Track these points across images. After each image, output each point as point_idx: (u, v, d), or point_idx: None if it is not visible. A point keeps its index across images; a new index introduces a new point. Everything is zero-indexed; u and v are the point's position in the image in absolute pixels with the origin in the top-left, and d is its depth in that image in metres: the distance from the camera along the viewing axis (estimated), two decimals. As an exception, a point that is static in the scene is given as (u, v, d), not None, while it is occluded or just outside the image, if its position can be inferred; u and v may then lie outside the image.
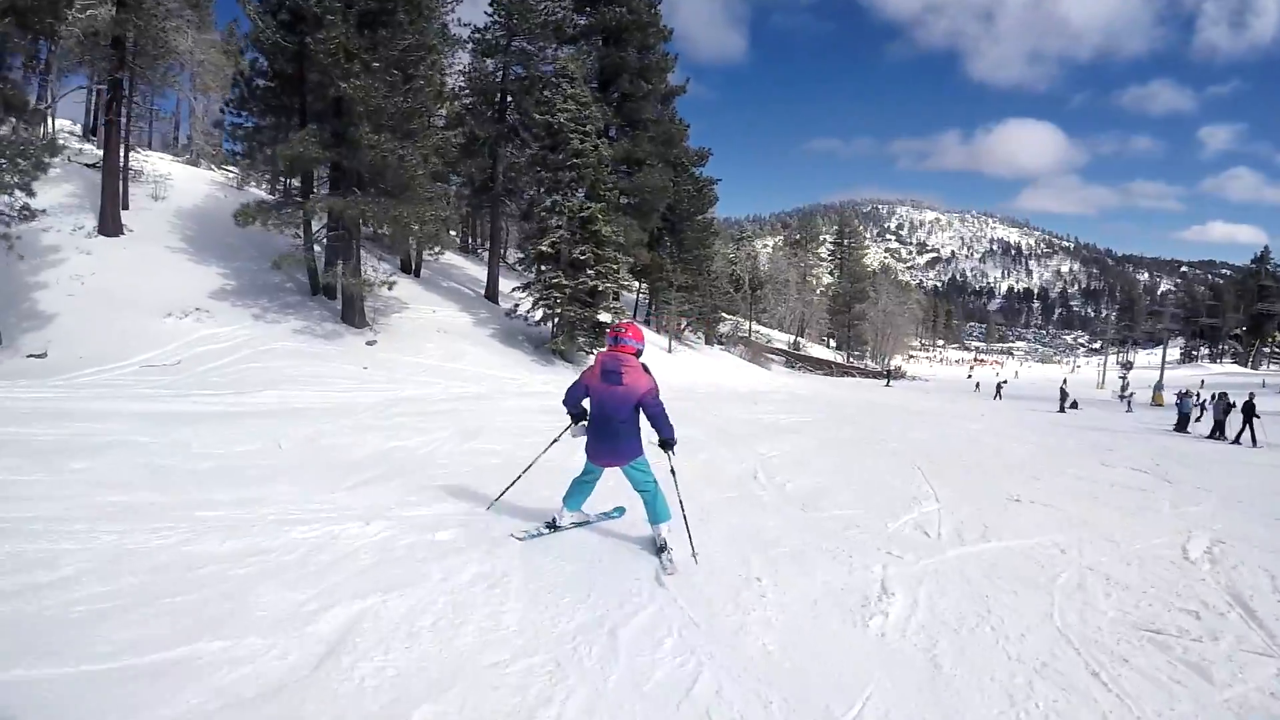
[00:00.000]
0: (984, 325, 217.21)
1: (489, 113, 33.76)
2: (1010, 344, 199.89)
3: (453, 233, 46.76)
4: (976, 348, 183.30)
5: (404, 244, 28.09)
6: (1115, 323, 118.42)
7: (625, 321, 6.90)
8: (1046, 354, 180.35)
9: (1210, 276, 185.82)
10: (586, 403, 6.00)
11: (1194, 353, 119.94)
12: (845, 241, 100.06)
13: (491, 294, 33.55)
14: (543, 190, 28.27)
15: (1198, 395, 27.34)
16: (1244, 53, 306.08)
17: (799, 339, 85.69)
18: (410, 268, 32.48)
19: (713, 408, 19.94)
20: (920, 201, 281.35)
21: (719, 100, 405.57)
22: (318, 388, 17.08)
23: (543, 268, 27.67)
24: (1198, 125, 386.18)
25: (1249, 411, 21.86)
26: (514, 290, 29.91)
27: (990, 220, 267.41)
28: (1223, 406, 23.67)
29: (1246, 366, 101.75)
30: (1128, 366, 70.46)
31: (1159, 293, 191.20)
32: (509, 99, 33.78)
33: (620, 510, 6.88)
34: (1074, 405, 37.94)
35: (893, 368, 77.59)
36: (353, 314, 24.20)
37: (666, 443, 5.80)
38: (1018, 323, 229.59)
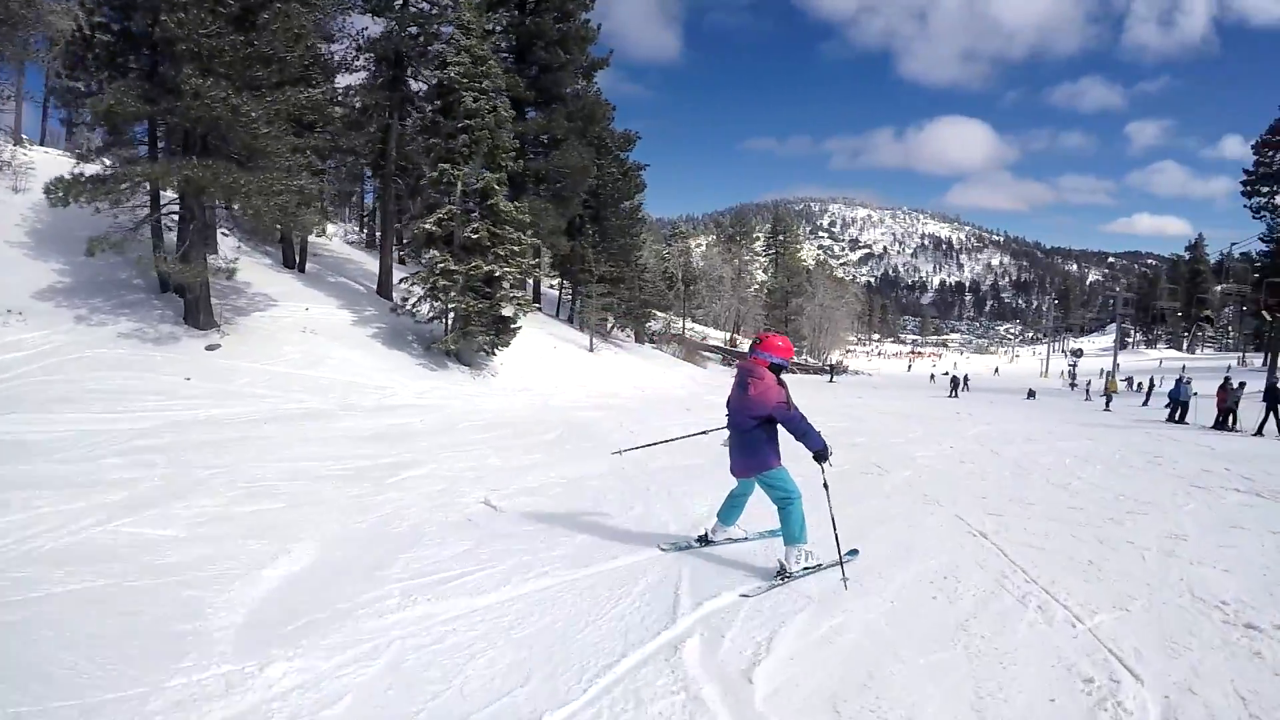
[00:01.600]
0: (918, 319, 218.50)
1: (379, 80, 28.95)
2: (945, 336, 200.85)
3: (340, 223, 42.25)
4: (913, 341, 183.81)
5: (263, 226, 22.76)
6: (1052, 312, 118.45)
7: (772, 332, 6.41)
8: (981, 345, 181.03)
9: (1136, 266, 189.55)
10: None
11: (1127, 339, 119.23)
12: (780, 237, 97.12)
13: (384, 289, 28.60)
14: (432, 161, 23.68)
15: (1183, 380, 24.88)
16: (1173, 50, 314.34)
17: (735, 336, 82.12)
18: (293, 261, 27.68)
19: (634, 419, 16.08)
20: (853, 199, 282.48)
21: (655, 100, 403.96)
22: (112, 405, 13.18)
23: (433, 252, 22.98)
24: (1126, 121, 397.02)
25: (1275, 398, 19.83)
26: (401, 282, 25.37)
27: (921, 216, 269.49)
28: (1234, 393, 21.27)
29: (1182, 350, 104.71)
30: (1077, 354, 69.13)
31: (1087, 283, 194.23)
32: (406, 65, 28.85)
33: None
34: (1031, 394, 39.52)
35: (835, 363, 74.29)
36: (196, 313, 19.38)
37: (817, 455, 5.47)
38: (951, 315, 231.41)
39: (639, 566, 5.69)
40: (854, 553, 6.01)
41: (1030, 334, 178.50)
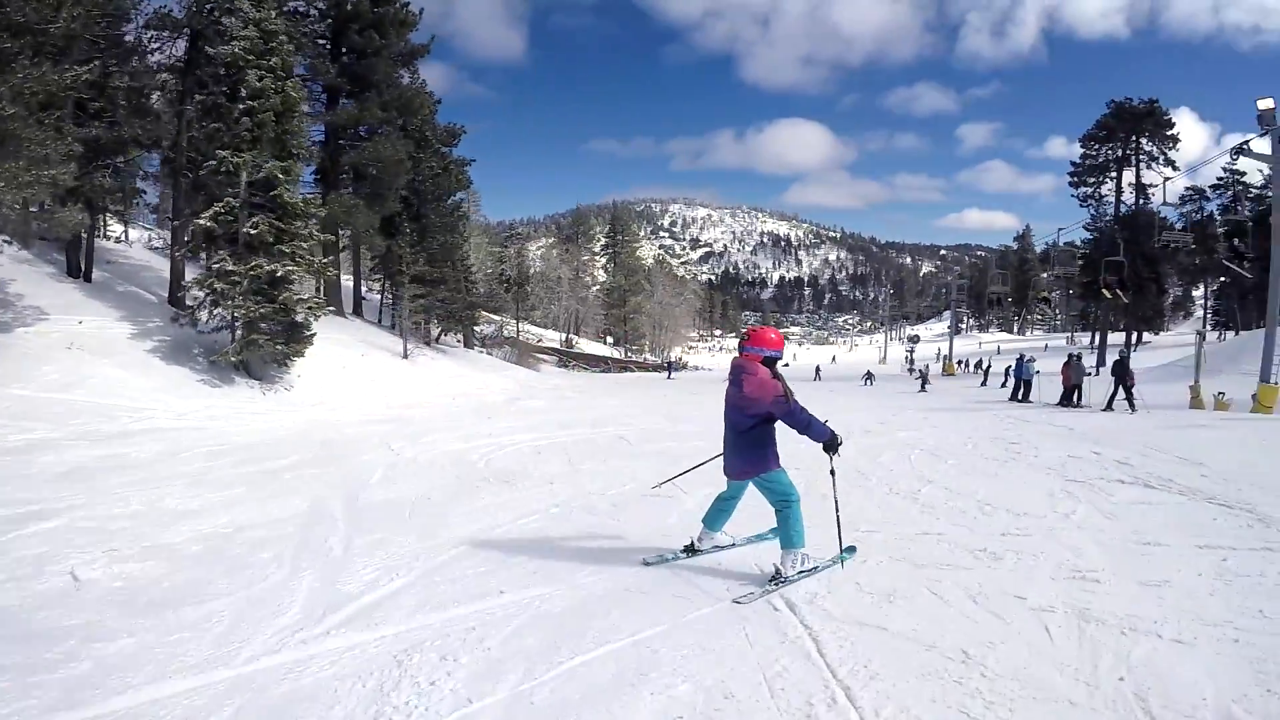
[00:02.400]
0: (759, 314, 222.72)
1: (170, 61, 25.71)
2: (786, 330, 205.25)
3: (146, 227, 38.53)
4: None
5: (9, 225, 19.58)
6: (888, 302, 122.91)
7: (760, 326, 6.12)
8: (821, 336, 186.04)
9: (967, 258, 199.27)
10: None
11: (961, 325, 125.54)
12: (618, 236, 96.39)
13: (176, 297, 25.57)
14: (215, 149, 20.96)
15: (1025, 359, 25.75)
16: (1003, 59, 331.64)
17: (572, 336, 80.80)
18: (78, 269, 24.21)
19: (413, 434, 14.24)
20: (693, 199, 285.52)
21: (498, 100, 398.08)
22: None
23: (219, 251, 20.34)
24: (958, 124, 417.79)
25: (1122, 372, 19.97)
26: (184, 286, 22.61)
27: (761, 214, 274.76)
28: (1079, 370, 22.10)
29: (1014, 333, 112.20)
30: (914, 340, 71.63)
31: (921, 274, 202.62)
32: (201, 43, 25.45)
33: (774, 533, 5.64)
34: (869, 378, 41.65)
35: (673, 360, 73.69)
36: (-69, 329, 16.48)
37: (826, 446, 5.27)
38: (791, 309, 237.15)
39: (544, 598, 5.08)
40: (852, 549, 5.90)
41: (868, 324, 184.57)
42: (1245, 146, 21.24)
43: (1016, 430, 14.57)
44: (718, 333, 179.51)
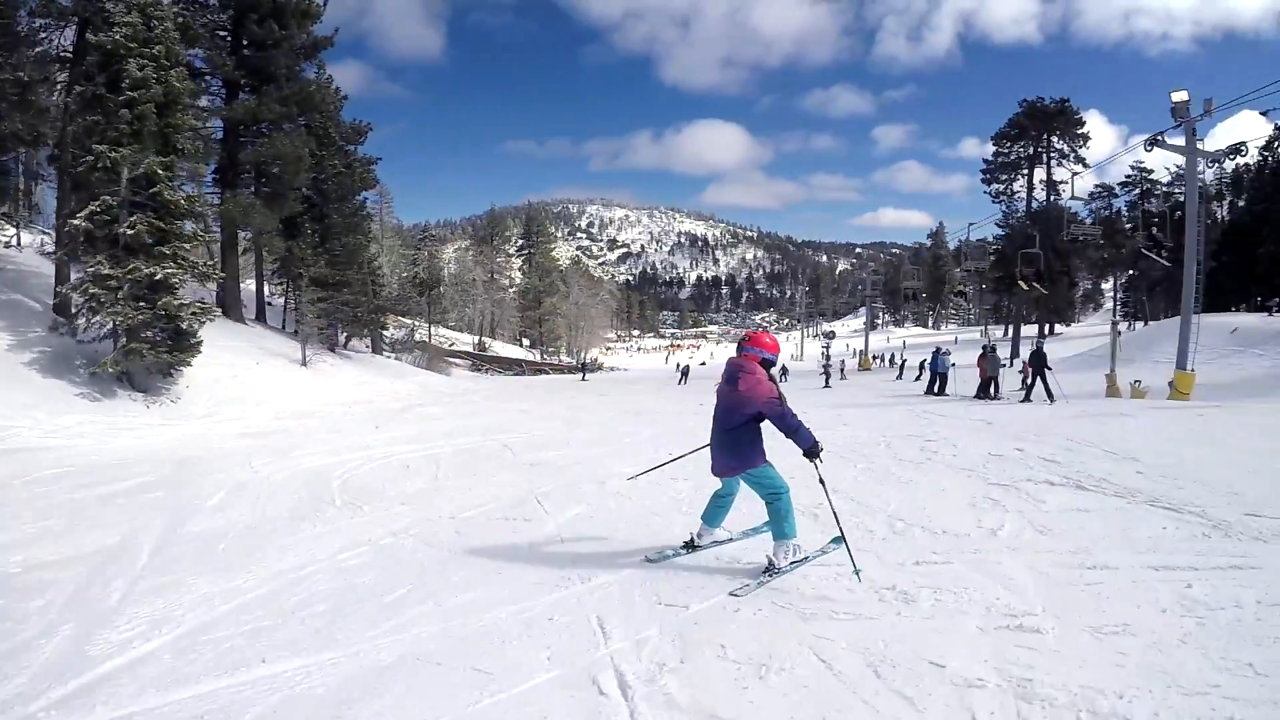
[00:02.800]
0: (677, 314, 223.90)
1: (55, 52, 24.12)
2: (704, 328, 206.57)
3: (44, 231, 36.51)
4: (672, 334, 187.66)
5: None
6: (804, 299, 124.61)
7: (758, 330, 6.34)
8: (738, 335, 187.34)
9: (882, 255, 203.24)
10: None
11: (877, 320, 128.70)
12: (533, 237, 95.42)
13: (62, 304, 23.97)
14: (94, 143, 19.52)
15: (941, 352, 25.72)
16: (918, 62, 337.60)
17: (485, 340, 79.80)
18: None
19: (287, 449, 13.13)
20: (610, 200, 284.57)
21: (415, 100, 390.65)
22: None
23: (97, 255, 19.02)
24: (874, 125, 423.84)
25: (1040, 363, 20.46)
26: (58, 292, 21.26)
27: (678, 215, 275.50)
28: (995, 361, 21.94)
29: (929, 327, 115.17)
30: (830, 336, 72.32)
31: (837, 272, 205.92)
32: (87, 33, 23.56)
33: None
34: (784, 373, 39.33)
35: (588, 360, 72.90)
36: None
37: (808, 453, 5.36)
38: (709, 308, 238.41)
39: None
40: (839, 540, 5.70)
41: (785, 322, 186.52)
42: (1160, 138, 21.65)
43: (933, 426, 14.00)
44: (635, 333, 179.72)
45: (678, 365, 56.23)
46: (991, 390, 21.19)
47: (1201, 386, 20.82)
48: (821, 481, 5.50)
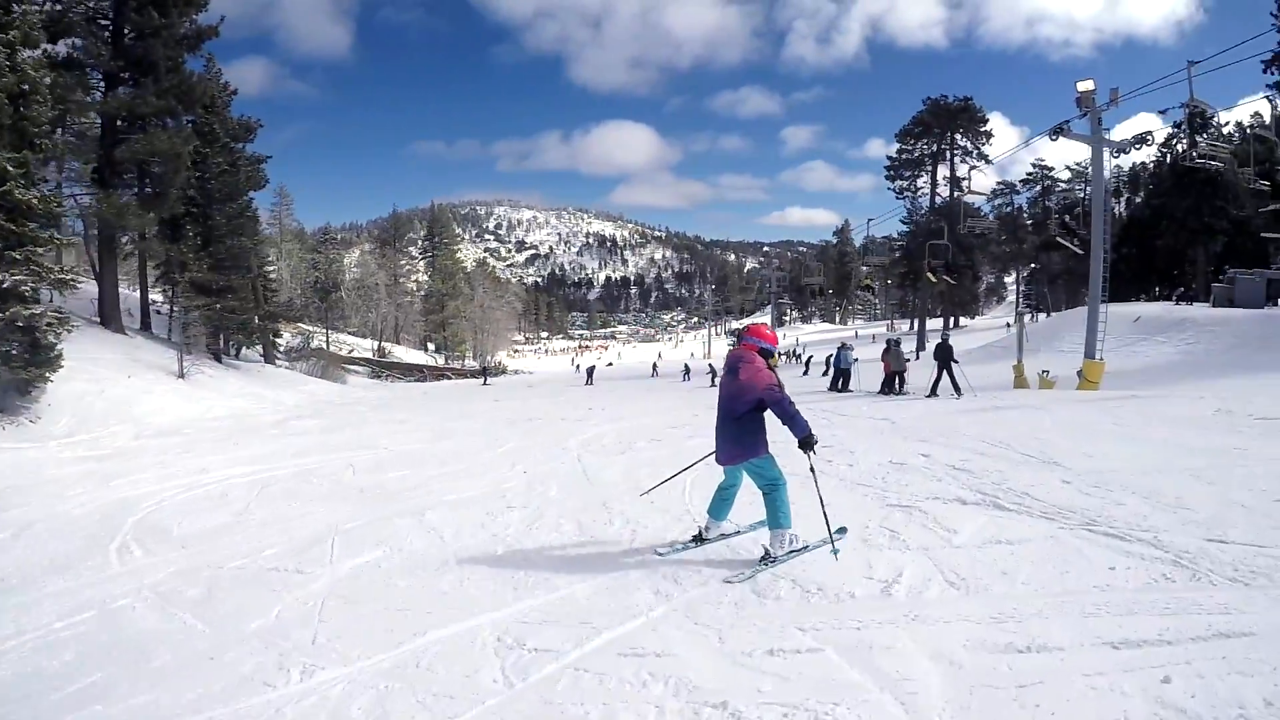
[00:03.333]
0: (586, 314, 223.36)
1: None
2: (614, 329, 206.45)
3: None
4: (581, 335, 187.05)
5: None
6: (711, 297, 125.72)
7: (756, 323, 7.14)
8: (648, 334, 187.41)
9: (789, 253, 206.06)
10: None
11: (785, 316, 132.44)
12: (436, 239, 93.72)
13: None
14: None
15: (844, 347, 25.16)
16: (827, 65, 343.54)
17: (385, 345, 77.72)
18: None
19: (95, 482, 11.14)
20: (518, 201, 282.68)
21: (322, 99, 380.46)
22: None
23: None
24: (782, 126, 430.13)
25: (947, 357, 19.52)
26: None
27: (586, 215, 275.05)
28: (899, 356, 21.35)
29: (835, 323, 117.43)
30: (735, 334, 72.95)
31: (745, 270, 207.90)
32: None
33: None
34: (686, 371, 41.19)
35: (489, 364, 71.38)
36: None
37: (802, 443, 5.50)
38: (618, 309, 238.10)
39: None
40: (843, 530, 6.06)
41: (694, 320, 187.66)
42: (1065, 127, 21.46)
43: (831, 428, 12.81)
44: (544, 335, 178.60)
45: (578, 367, 55.91)
46: (896, 385, 20.84)
47: (1108, 375, 20.94)
48: (812, 470, 5.82)
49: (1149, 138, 22.62)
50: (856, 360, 24.39)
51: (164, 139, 29.09)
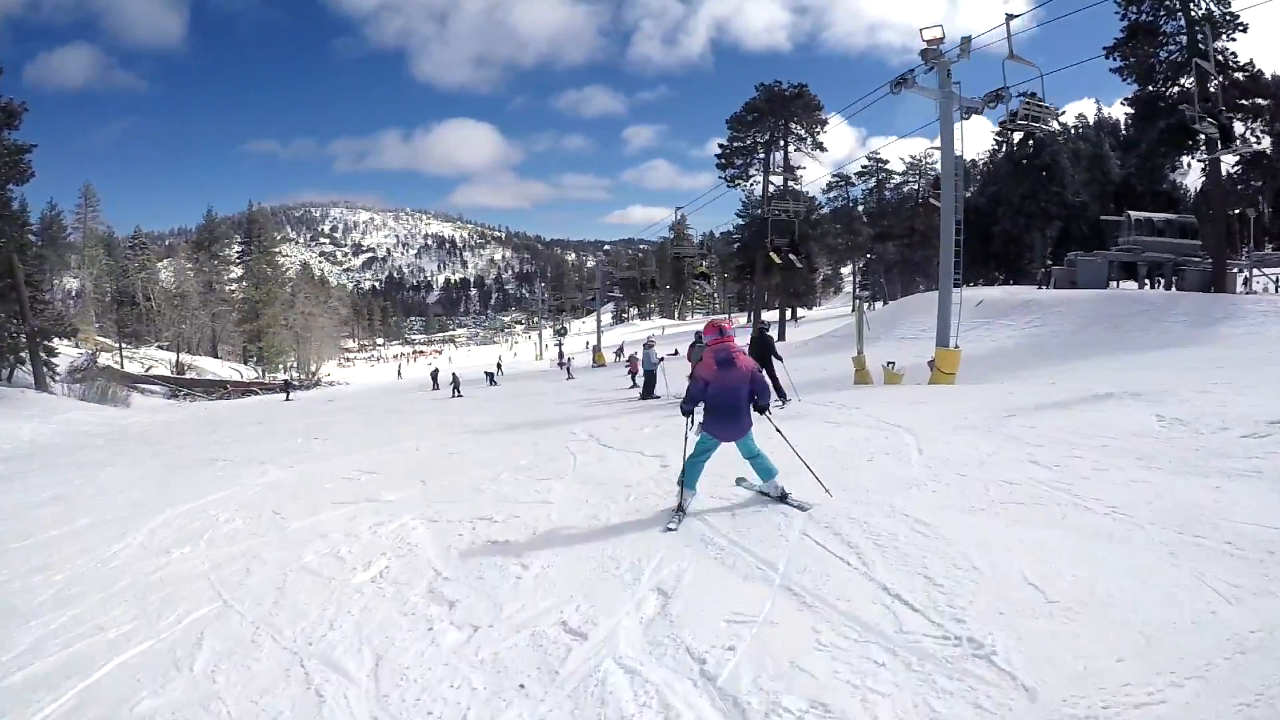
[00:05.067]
0: (424, 318, 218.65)
1: None
2: (453, 332, 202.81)
3: None
4: (416, 340, 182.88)
5: None
6: (548, 298, 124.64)
7: (717, 320, 8.32)
8: (487, 336, 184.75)
9: (629, 250, 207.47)
10: None
11: (624, 314, 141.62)
12: (254, 242, 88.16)
13: None
14: None
15: (649, 345, 22.42)
16: (672, 65, 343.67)
17: (183, 360, 71.85)
18: None
19: None
20: (354, 202, 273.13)
21: (152, 92, 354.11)
22: None
23: None
24: (625, 126, 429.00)
25: (766, 352, 14.83)
26: None
27: (425, 216, 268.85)
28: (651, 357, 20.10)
29: (675, 318, 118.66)
30: (562, 333, 72.28)
31: (586, 268, 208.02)
32: None
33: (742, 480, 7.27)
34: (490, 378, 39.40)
35: (291, 379, 66.45)
36: None
37: (764, 407, 6.79)
38: (458, 311, 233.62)
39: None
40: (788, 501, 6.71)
41: (533, 320, 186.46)
42: (909, 77, 18.78)
43: (606, 465, 9.64)
44: (380, 341, 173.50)
45: (399, 373, 53.37)
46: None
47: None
48: (779, 430, 7.11)
49: (1005, 94, 18.94)
50: (662, 359, 21.48)
51: None
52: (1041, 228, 54.98)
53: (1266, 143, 39.12)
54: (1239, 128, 35.55)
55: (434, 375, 40.74)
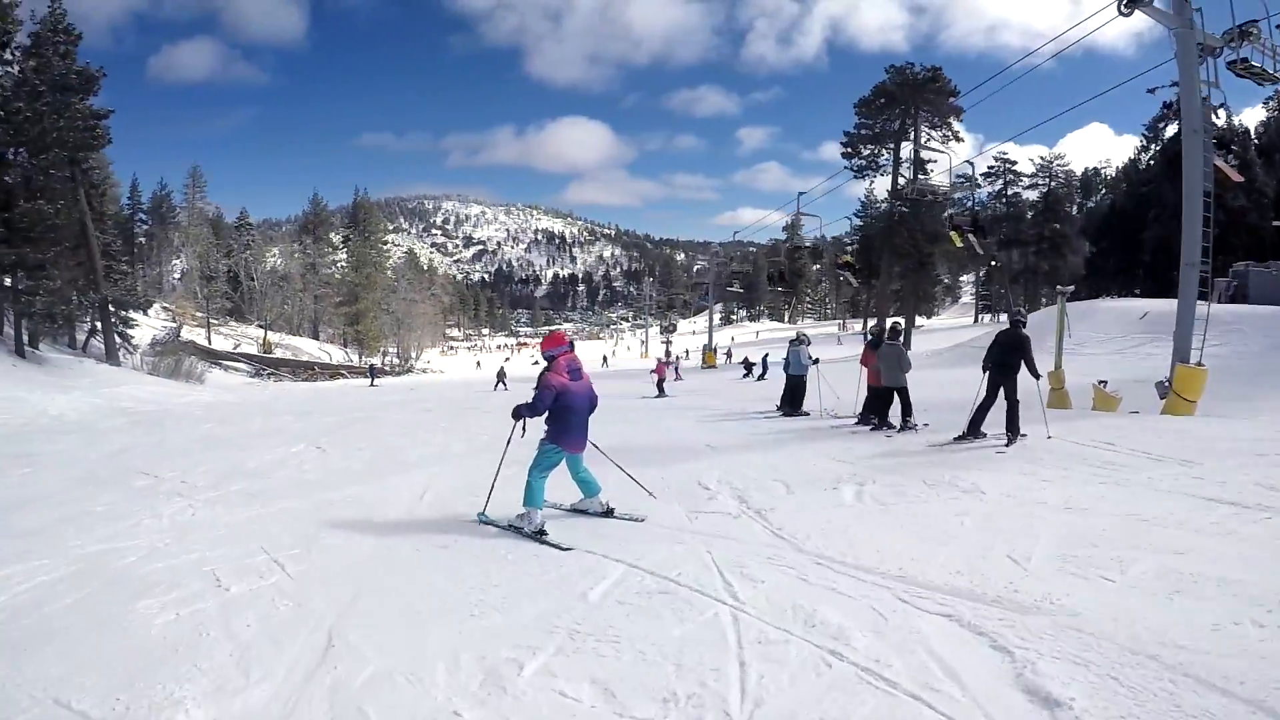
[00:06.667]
0: (531, 311, 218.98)
1: None
2: (558, 326, 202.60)
3: None
4: (522, 332, 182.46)
5: None
6: (656, 295, 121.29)
7: (558, 331, 8.92)
8: (592, 332, 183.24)
9: (738, 253, 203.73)
10: None
11: (733, 315, 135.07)
12: (358, 229, 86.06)
13: None
14: None
15: (799, 341, 16.19)
16: (786, 66, 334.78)
17: (272, 338, 71.08)
18: None
19: None
20: (466, 196, 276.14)
21: (272, 85, 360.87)
22: None
23: None
24: (738, 126, 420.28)
25: (1019, 352, 10.10)
26: None
27: (536, 212, 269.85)
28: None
29: (785, 321, 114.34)
30: (670, 330, 68.30)
31: (695, 269, 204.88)
32: None
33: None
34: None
35: (376, 365, 63.26)
36: None
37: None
38: (565, 306, 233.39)
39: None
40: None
41: (641, 319, 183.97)
42: None
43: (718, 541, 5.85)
44: (485, 331, 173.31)
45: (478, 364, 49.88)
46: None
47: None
48: (594, 444, 6.87)
49: (1255, 29, 13.59)
50: (816, 362, 15.46)
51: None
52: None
53: None
54: None
55: (500, 374, 37.51)
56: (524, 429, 6.57)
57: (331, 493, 8.51)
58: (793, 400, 15.32)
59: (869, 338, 14.68)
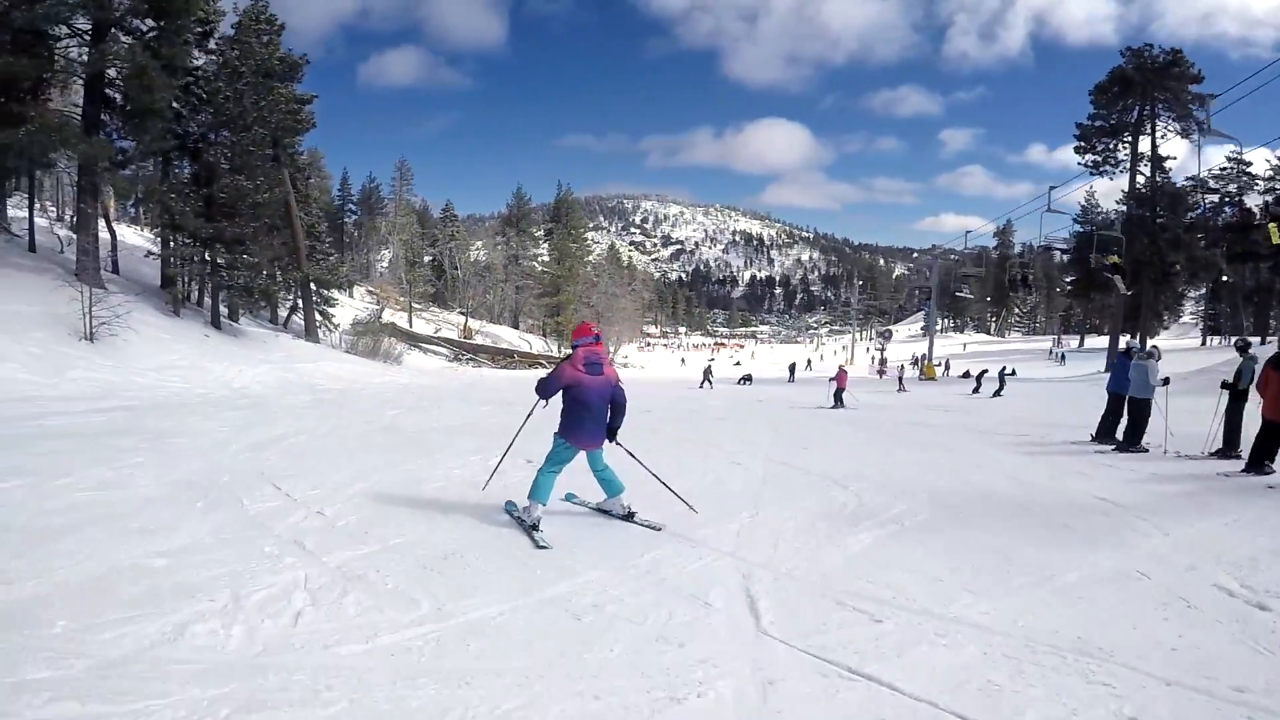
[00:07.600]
0: (728, 311, 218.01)
1: None
2: (755, 328, 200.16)
3: None
4: (719, 333, 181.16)
5: None
6: (860, 298, 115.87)
7: (587, 322, 7.20)
8: (789, 335, 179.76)
9: (940, 260, 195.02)
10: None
11: (937, 325, 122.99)
12: (560, 222, 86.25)
13: None
14: None
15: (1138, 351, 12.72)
16: (989, 63, 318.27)
17: (471, 325, 72.71)
18: None
19: None
20: (665, 196, 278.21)
21: (473, 89, 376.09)
22: None
23: None
24: (939, 128, 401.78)
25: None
26: None
27: (733, 213, 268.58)
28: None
29: (991, 334, 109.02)
30: (886, 335, 63.85)
31: (893, 276, 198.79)
32: None
33: (571, 496, 6.96)
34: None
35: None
36: None
37: (615, 430, 6.40)
38: (761, 309, 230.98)
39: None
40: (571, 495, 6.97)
41: (838, 325, 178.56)
42: None
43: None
44: (682, 330, 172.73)
45: (682, 361, 48.20)
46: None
47: None
48: (631, 454, 6.79)
49: None
50: (1166, 383, 11.89)
51: (134, 53, 23.23)
52: None
53: None
54: None
55: (706, 373, 39.36)
56: (544, 405, 6.48)
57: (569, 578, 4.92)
58: (1133, 430, 11.58)
59: (1240, 352, 11.29)
